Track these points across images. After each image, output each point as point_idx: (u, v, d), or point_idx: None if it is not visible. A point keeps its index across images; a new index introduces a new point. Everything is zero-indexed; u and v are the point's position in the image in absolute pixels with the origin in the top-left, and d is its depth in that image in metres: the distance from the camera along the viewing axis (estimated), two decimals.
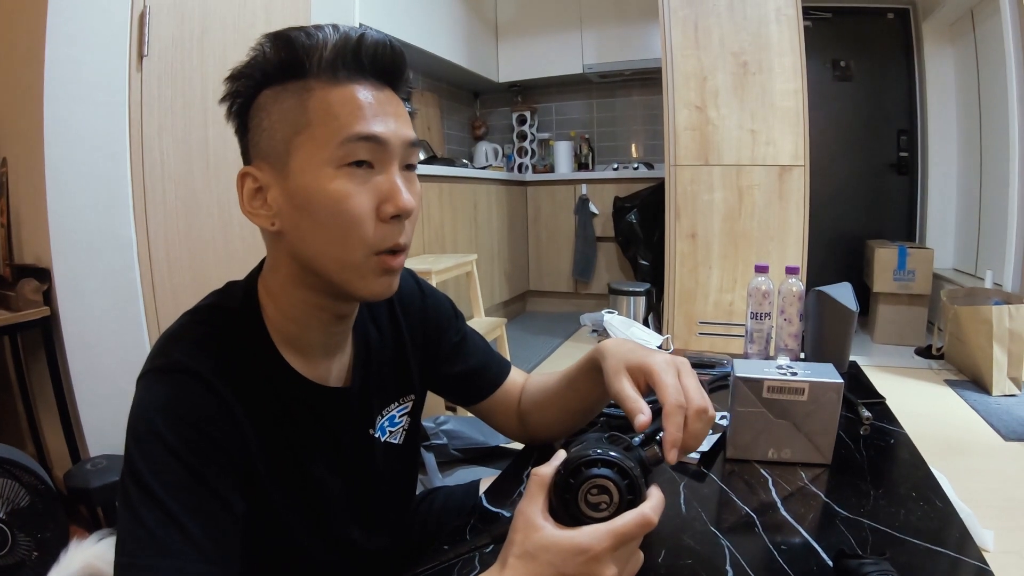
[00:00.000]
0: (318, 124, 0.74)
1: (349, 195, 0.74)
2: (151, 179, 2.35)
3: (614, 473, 0.64)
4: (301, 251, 0.79)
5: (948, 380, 3.70)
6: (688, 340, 3.82)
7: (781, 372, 1.08)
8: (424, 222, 3.96)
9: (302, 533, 0.87)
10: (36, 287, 2.07)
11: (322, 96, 0.74)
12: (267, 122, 0.77)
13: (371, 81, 0.77)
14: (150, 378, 0.75)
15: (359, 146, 0.74)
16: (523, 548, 0.63)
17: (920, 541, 0.83)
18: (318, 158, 0.74)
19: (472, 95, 6.52)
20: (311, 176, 0.74)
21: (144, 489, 0.68)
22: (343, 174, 0.74)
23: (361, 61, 0.76)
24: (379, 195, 0.76)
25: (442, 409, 2.65)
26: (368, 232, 0.76)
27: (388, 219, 0.76)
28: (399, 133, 0.77)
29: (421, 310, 1.08)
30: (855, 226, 5.28)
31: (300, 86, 0.75)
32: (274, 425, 0.81)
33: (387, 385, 1.00)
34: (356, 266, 0.77)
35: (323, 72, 0.75)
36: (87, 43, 2.14)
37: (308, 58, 0.74)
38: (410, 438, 1.05)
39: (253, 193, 0.79)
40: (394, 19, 4.17)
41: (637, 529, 0.62)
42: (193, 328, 0.81)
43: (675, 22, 3.81)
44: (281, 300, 0.84)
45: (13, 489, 1.81)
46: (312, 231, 0.76)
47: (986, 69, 4.49)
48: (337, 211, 0.74)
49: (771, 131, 3.72)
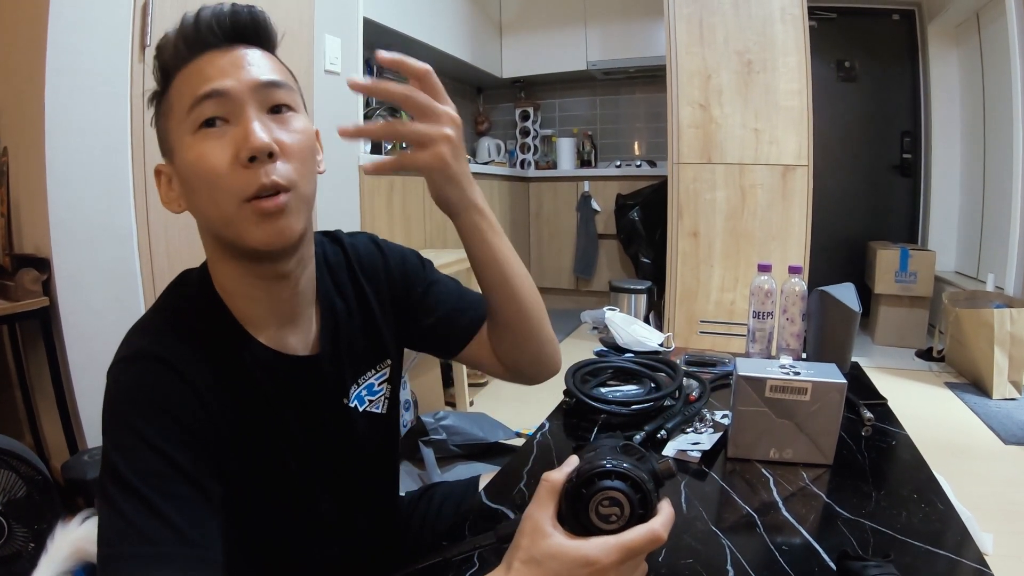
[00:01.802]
0: (176, 103, 0.78)
1: (204, 153, 0.76)
2: (152, 170, 2.34)
3: (627, 486, 0.64)
4: (201, 223, 0.83)
5: (948, 383, 3.70)
6: (689, 339, 3.81)
7: (784, 371, 1.08)
8: (426, 217, 3.96)
9: (281, 511, 0.88)
10: (35, 277, 2.07)
11: (178, 80, 0.78)
12: (159, 124, 0.84)
13: (220, 48, 0.79)
14: (117, 369, 0.76)
15: (203, 106, 0.76)
16: (530, 554, 0.63)
17: (921, 543, 0.82)
18: (182, 132, 0.77)
19: (475, 90, 6.51)
20: (180, 150, 0.78)
21: (119, 479, 0.69)
22: (199, 137, 0.76)
23: (201, 36, 0.78)
24: (234, 144, 0.76)
25: (442, 404, 2.65)
26: (230, 182, 0.75)
27: (247, 164, 0.75)
28: (244, 79, 0.77)
29: (384, 271, 1.05)
30: (857, 227, 5.27)
31: (169, 84, 0.80)
32: (244, 401, 0.81)
33: (359, 353, 0.99)
34: (232, 218, 0.77)
35: (178, 63, 0.78)
36: (89, 33, 2.13)
37: (167, 58, 0.79)
38: (392, 406, 1.05)
39: (168, 186, 0.85)
40: (398, 13, 4.16)
41: (646, 544, 0.62)
42: (154, 316, 0.83)
43: (680, 19, 3.80)
44: (221, 277, 0.85)
45: (10, 480, 1.81)
46: (196, 200, 0.79)
47: (991, 72, 4.48)
48: (199, 171, 0.76)
49: (775, 130, 3.71)
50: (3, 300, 2.06)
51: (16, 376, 2.30)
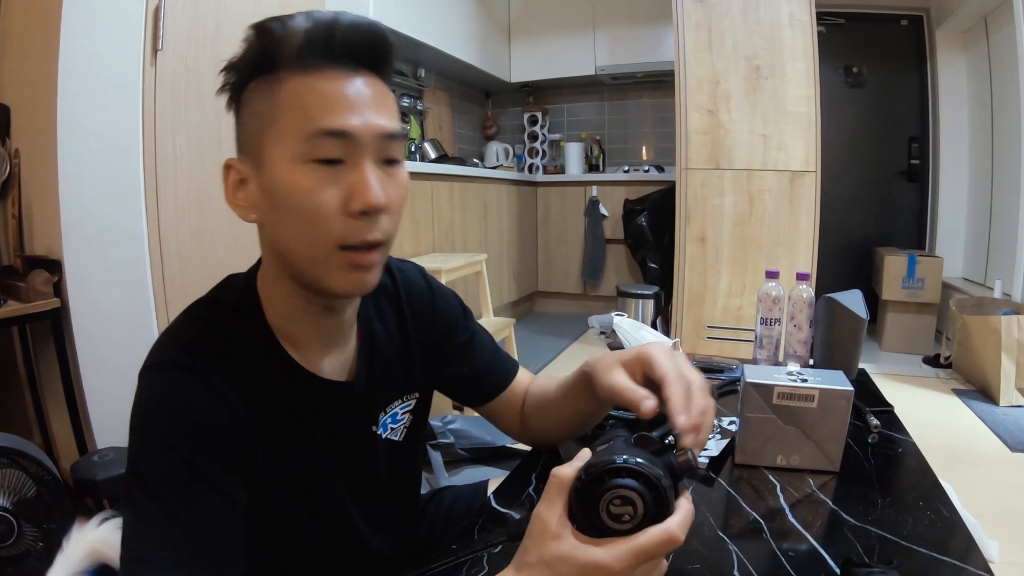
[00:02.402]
0: (285, 117, 0.72)
1: (313, 189, 0.72)
2: (163, 173, 2.36)
3: (639, 484, 0.59)
4: (276, 244, 0.79)
5: (955, 389, 3.69)
6: (696, 344, 3.81)
7: (791, 378, 1.08)
8: (434, 221, 3.97)
9: (304, 527, 0.87)
10: (46, 278, 2.08)
11: (291, 88, 0.72)
12: (245, 116, 0.77)
13: (345, 68, 0.74)
14: (149, 374, 0.76)
15: (325, 141, 0.72)
16: (539, 555, 0.61)
17: (926, 550, 0.82)
18: (286, 152, 0.73)
19: (484, 95, 6.53)
20: (280, 170, 0.73)
21: (144, 484, 0.69)
22: (310, 169, 0.72)
23: (332, 48, 0.73)
24: (347, 190, 0.73)
25: (450, 408, 2.65)
26: (333, 227, 0.73)
27: (356, 215, 0.73)
28: (371, 125, 0.73)
29: (430, 308, 1.06)
30: (864, 233, 5.26)
31: (272, 78, 0.73)
32: (275, 419, 0.81)
33: (392, 382, 0.99)
34: (321, 261, 0.75)
35: (294, 62, 0.72)
36: (101, 37, 2.15)
37: (278, 49, 0.72)
38: (411, 436, 1.04)
39: (237, 184, 0.79)
40: (407, 17, 4.18)
41: (661, 547, 0.59)
42: (191, 324, 0.81)
43: (688, 25, 3.80)
44: (271, 292, 0.83)
45: (20, 479, 1.82)
46: (282, 225, 0.76)
47: (999, 77, 4.47)
48: (301, 205, 0.73)
49: (783, 136, 3.71)
50: (15, 301, 2.08)
51: (26, 376, 2.31)
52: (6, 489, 1.79)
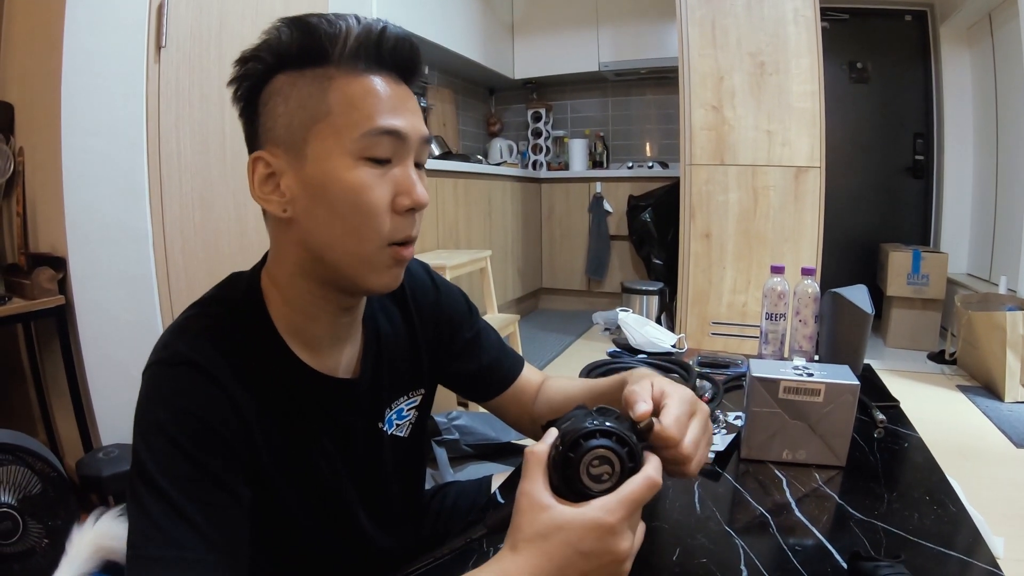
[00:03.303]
0: (339, 113, 0.74)
1: (368, 187, 0.75)
2: (167, 170, 2.36)
3: (612, 442, 0.63)
4: (312, 240, 0.78)
5: (960, 386, 3.68)
6: (701, 340, 3.80)
7: (797, 373, 1.08)
8: (439, 218, 3.97)
9: (309, 524, 0.87)
10: (51, 276, 2.09)
11: (343, 86, 0.74)
12: (283, 108, 0.76)
13: (390, 74, 0.77)
14: (154, 371, 0.75)
15: (381, 139, 0.74)
16: (533, 530, 0.61)
17: (933, 545, 0.82)
18: (338, 147, 0.74)
19: (488, 91, 6.52)
20: (330, 165, 0.74)
21: (149, 482, 0.69)
22: (362, 166, 0.74)
23: (382, 54, 0.76)
24: (395, 188, 0.77)
25: (454, 404, 2.66)
26: (384, 224, 0.76)
27: (403, 212, 0.77)
28: (417, 128, 0.78)
29: (435, 305, 1.06)
30: (869, 229, 5.25)
31: (320, 73, 0.74)
32: (280, 416, 0.81)
33: (397, 379, 0.99)
34: (369, 258, 0.77)
35: (345, 62, 0.74)
36: (105, 33, 2.15)
37: (331, 46, 0.74)
38: (416, 432, 1.05)
39: (265, 178, 0.78)
40: (411, 14, 4.17)
41: (646, 492, 0.62)
42: (196, 320, 0.81)
43: (692, 21, 3.79)
44: (287, 290, 0.83)
45: (25, 476, 1.83)
46: (327, 220, 0.76)
47: (1003, 73, 4.46)
48: (356, 202, 0.74)
49: (787, 132, 3.70)
50: (19, 298, 2.08)
51: (31, 373, 2.32)
52: (11, 486, 1.79)
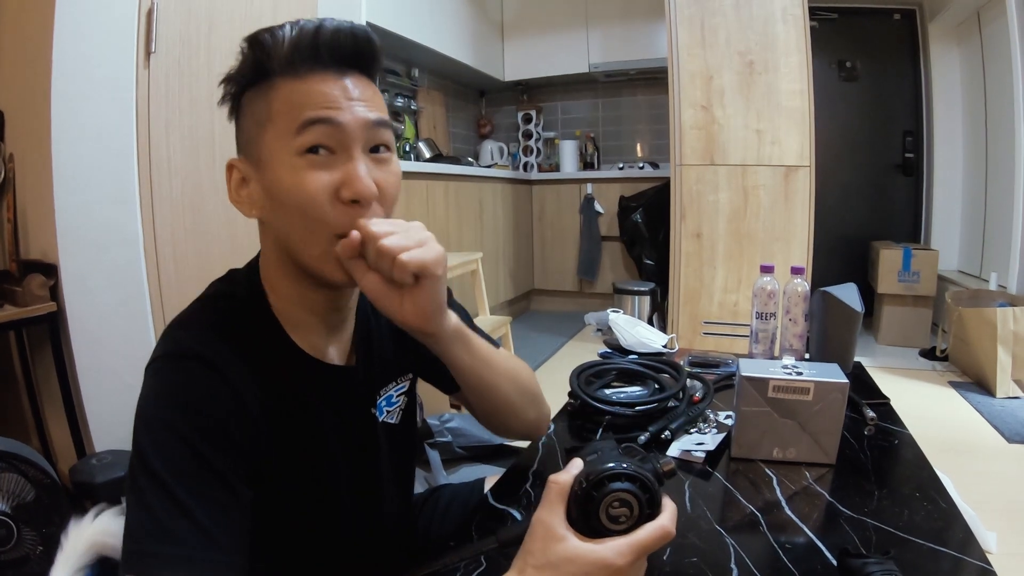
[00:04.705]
0: (279, 116, 0.77)
1: (306, 181, 0.76)
2: (158, 175, 2.35)
3: (636, 487, 0.64)
4: (281, 239, 0.82)
5: (952, 382, 3.70)
6: (692, 340, 3.81)
7: (787, 372, 1.09)
8: (430, 220, 3.96)
9: (311, 515, 0.88)
10: (42, 282, 2.08)
11: (283, 91, 0.77)
12: (243, 122, 0.82)
13: (333, 70, 0.78)
14: (159, 365, 0.76)
15: (315, 130, 0.76)
16: (545, 558, 0.63)
17: (924, 541, 0.83)
18: (282, 149, 0.77)
19: (478, 93, 6.52)
20: (277, 166, 0.77)
21: (152, 475, 0.68)
22: (304, 161, 0.76)
23: (319, 52, 0.77)
24: (339, 179, 0.77)
25: (447, 407, 2.66)
26: (327, 216, 0.77)
27: (348, 203, 0.77)
28: (357, 115, 0.78)
29: None
30: (860, 227, 5.26)
31: (266, 85, 0.78)
32: (283, 408, 0.82)
33: (387, 365, 1.01)
34: (319, 251, 0.78)
35: (284, 69, 0.77)
36: (95, 39, 2.14)
37: (271, 58, 0.77)
38: (406, 418, 1.05)
39: (239, 183, 0.83)
40: (400, 17, 4.17)
41: (657, 541, 0.64)
42: (201, 314, 0.82)
43: (681, 21, 3.80)
44: (277, 286, 0.85)
45: (18, 484, 1.82)
46: (286, 220, 0.79)
47: (992, 70, 4.48)
48: (297, 198, 0.76)
49: (777, 131, 3.70)
50: (11, 305, 2.07)
51: (24, 380, 2.31)
52: (5, 493, 1.78)
